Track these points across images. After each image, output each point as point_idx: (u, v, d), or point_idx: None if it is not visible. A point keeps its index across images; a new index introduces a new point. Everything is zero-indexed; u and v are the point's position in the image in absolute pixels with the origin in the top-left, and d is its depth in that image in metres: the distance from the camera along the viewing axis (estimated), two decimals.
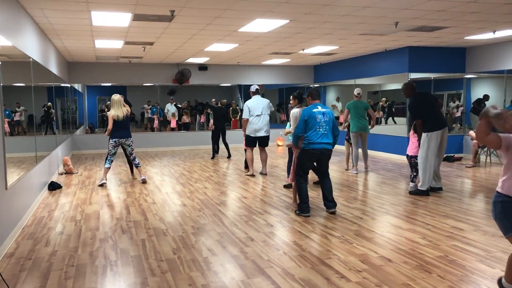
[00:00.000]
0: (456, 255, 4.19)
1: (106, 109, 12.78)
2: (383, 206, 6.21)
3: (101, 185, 7.98)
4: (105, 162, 8.12)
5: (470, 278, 3.64)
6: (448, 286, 3.47)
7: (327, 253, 4.31)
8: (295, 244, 4.59)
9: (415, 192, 6.91)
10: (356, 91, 9.29)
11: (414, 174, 7.00)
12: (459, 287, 3.46)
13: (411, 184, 7.06)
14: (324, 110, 5.74)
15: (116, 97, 7.98)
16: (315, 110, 5.70)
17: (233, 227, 5.26)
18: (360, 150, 9.24)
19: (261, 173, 9.12)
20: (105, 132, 8.32)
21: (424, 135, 6.80)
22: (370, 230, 5.07)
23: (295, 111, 7.18)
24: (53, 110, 8.88)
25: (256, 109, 8.68)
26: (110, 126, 7.91)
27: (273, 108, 9.10)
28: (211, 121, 11.94)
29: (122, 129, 7.96)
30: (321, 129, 5.65)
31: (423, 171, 6.82)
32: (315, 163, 5.96)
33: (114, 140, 7.97)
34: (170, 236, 4.93)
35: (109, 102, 8.42)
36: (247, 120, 8.78)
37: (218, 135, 11.80)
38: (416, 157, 6.91)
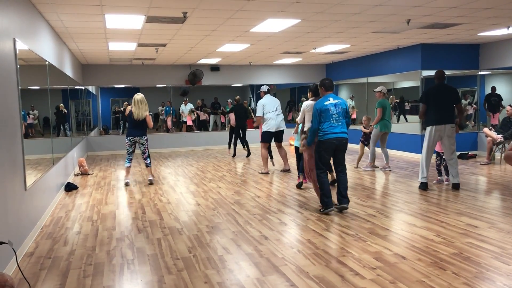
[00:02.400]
0: (470, 252, 4.18)
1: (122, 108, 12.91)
2: (396, 204, 6.21)
3: (127, 184, 8.17)
4: (125, 161, 8.31)
5: (485, 275, 3.63)
6: (463, 283, 3.47)
7: (341, 251, 4.33)
8: (309, 242, 4.62)
9: (419, 186, 7.25)
10: (384, 89, 9.09)
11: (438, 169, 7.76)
12: (474, 284, 3.46)
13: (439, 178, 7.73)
14: (336, 101, 5.73)
15: (138, 96, 8.03)
16: (327, 102, 5.70)
17: (247, 225, 5.30)
18: (378, 149, 9.21)
19: (285, 170, 9.22)
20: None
21: (426, 128, 7.16)
22: (384, 228, 5.08)
23: (307, 103, 7.14)
24: (65, 111, 8.97)
25: (270, 105, 8.89)
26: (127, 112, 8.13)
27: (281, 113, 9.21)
28: (231, 117, 12.03)
29: (136, 128, 8.06)
30: (334, 120, 5.66)
31: (422, 161, 7.18)
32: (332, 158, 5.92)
33: (128, 138, 8.13)
34: (185, 235, 5.00)
35: (126, 103, 8.57)
36: (261, 117, 8.89)
37: (237, 132, 11.88)
38: (443, 153, 7.36)
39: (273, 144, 9.36)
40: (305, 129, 7.11)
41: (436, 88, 7.03)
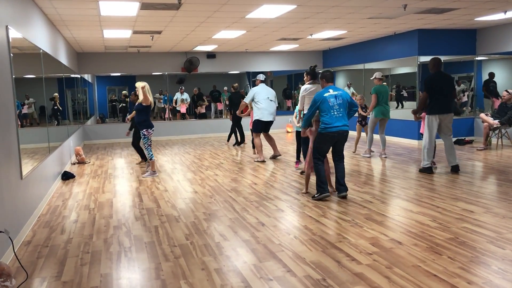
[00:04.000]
0: (466, 237, 4.21)
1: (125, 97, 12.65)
2: (393, 190, 6.23)
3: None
4: (151, 154, 7.80)
5: (481, 259, 3.66)
6: (459, 267, 3.50)
7: (337, 236, 4.35)
8: (305, 228, 4.64)
9: (421, 170, 7.37)
10: (379, 74, 9.04)
11: None
12: (470, 268, 3.49)
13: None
14: (336, 92, 5.69)
15: (147, 84, 7.57)
16: (326, 94, 5.66)
17: (244, 212, 5.32)
18: (375, 135, 9.20)
19: (275, 157, 9.25)
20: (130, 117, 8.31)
21: (427, 116, 7.20)
22: (380, 213, 5.10)
23: (306, 87, 7.06)
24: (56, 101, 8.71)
25: (262, 94, 8.82)
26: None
27: (277, 104, 9.17)
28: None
29: (150, 117, 7.85)
30: (335, 112, 5.62)
31: (422, 148, 7.33)
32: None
33: (153, 129, 7.79)
34: (182, 222, 5.01)
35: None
36: (246, 104, 8.89)
37: (235, 121, 11.77)
38: None
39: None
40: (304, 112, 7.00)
41: (438, 76, 7.06)
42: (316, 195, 5.80)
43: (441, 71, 7.14)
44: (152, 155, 7.85)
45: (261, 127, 8.92)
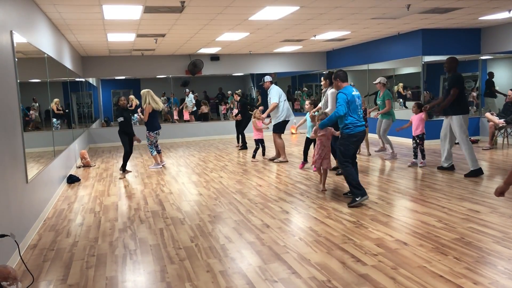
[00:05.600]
0: (472, 237, 4.18)
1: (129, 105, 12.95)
2: (398, 191, 6.21)
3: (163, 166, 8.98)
4: (151, 151, 8.78)
5: (487, 259, 3.64)
6: (464, 268, 3.48)
7: (342, 238, 4.34)
8: (310, 229, 4.63)
9: (472, 174, 6.92)
10: (384, 80, 9.02)
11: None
12: (476, 268, 3.47)
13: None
14: (357, 93, 5.64)
15: (150, 91, 8.44)
16: (354, 93, 5.56)
17: (249, 214, 5.32)
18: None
19: (272, 159, 9.24)
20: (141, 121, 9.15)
21: (459, 117, 6.93)
22: (386, 214, 5.08)
23: (334, 91, 6.80)
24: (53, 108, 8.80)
25: (283, 94, 8.93)
26: (146, 118, 8.48)
27: None
28: (235, 111, 11.94)
29: (157, 120, 8.55)
30: (358, 112, 5.57)
31: (469, 151, 6.93)
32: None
33: (156, 131, 8.67)
34: (187, 224, 5.02)
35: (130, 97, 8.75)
36: (277, 104, 8.76)
37: (245, 125, 11.74)
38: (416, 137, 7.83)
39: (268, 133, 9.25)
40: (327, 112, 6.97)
41: (461, 76, 7.08)
42: (357, 199, 5.45)
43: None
44: (152, 151, 8.79)
45: (283, 127, 8.98)
